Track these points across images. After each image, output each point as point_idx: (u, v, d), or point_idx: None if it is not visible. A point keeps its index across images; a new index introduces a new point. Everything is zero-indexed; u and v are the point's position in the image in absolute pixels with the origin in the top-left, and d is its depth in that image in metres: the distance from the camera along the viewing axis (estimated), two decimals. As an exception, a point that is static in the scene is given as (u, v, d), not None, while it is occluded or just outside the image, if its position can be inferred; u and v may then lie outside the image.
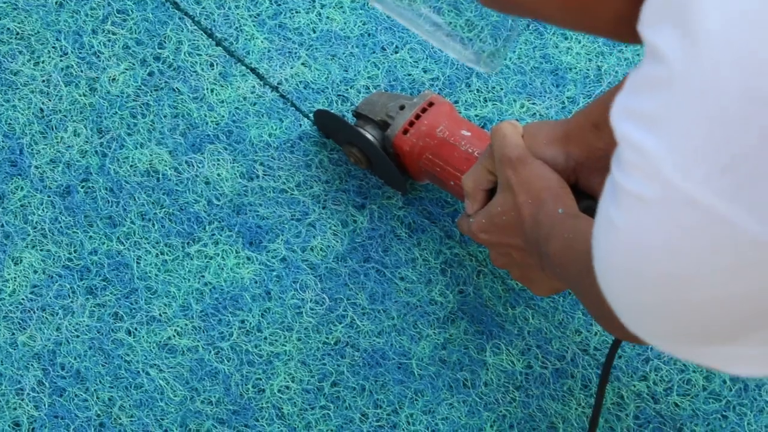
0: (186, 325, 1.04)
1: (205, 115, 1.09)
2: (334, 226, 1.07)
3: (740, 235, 0.46)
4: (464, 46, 0.88)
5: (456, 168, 0.98)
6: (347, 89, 1.10)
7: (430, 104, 1.01)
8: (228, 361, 1.03)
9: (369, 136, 1.01)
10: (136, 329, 1.03)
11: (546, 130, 0.90)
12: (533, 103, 1.09)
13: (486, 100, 1.10)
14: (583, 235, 0.76)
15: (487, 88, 1.10)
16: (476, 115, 1.09)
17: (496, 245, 0.92)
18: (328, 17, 1.12)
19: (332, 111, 1.07)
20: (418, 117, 1.00)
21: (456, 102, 1.09)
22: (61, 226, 1.06)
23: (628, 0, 0.51)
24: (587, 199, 0.89)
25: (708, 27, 0.45)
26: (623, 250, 0.50)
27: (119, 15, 1.11)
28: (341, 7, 1.12)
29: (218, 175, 1.08)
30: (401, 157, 1.01)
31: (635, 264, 0.50)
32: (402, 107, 1.01)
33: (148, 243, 1.06)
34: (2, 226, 1.06)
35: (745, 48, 0.44)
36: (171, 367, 1.02)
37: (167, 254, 1.06)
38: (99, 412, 1.01)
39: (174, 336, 1.03)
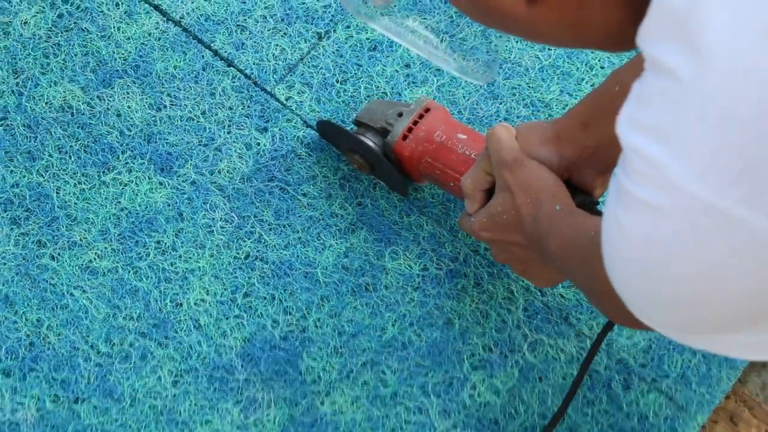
0: (105, 248, 1.11)
1: (114, 52, 1.16)
2: (239, 149, 1.14)
3: (759, 237, 0.46)
4: (456, 60, 0.91)
5: (455, 170, 1.02)
6: (245, 20, 1.16)
7: (427, 110, 1.05)
8: (146, 279, 1.10)
9: (370, 144, 1.06)
10: (59, 254, 1.11)
11: (538, 131, 0.93)
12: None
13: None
14: (581, 230, 0.80)
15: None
16: (368, 38, 1.16)
17: (498, 242, 0.96)
18: (226, -47, 1.18)
19: (334, 121, 1.11)
20: (415, 123, 1.04)
21: (348, 27, 1.16)
22: (-17, 163, 1.13)
23: (623, 11, 0.51)
24: (581, 194, 0.94)
25: (715, 39, 0.45)
26: (635, 253, 0.51)
27: (28, -39, 1.18)
28: (238, -57, 1.18)
29: (128, 107, 1.14)
30: (402, 161, 1.06)
31: (649, 266, 0.51)
32: (400, 114, 1.05)
33: (66, 174, 1.13)
34: (-72, 165, 1.13)
35: (755, 57, 0.44)
36: (93, 288, 1.10)
37: (84, 183, 1.13)
38: (28, 333, 1.09)
39: (95, 259, 1.11)
